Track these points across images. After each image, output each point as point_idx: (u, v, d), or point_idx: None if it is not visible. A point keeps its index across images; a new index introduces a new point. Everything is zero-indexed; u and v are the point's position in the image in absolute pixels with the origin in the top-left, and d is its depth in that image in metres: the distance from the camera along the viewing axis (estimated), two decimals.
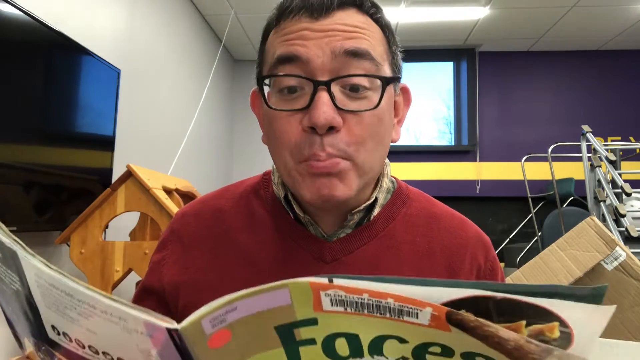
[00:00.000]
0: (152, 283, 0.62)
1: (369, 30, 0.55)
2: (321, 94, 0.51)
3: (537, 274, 1.26)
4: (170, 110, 3.03)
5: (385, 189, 0.63)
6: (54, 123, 1.71)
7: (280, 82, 0.54)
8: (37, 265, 0.35)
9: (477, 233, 0.64)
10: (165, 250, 0.64)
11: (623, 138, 4.32)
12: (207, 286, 0.59)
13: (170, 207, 1.59)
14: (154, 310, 0.62)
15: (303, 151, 0.53)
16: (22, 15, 1.52)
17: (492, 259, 0.64)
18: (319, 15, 0.53)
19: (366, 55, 0.53)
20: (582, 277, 1.20)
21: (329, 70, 0.52)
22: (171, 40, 3.05)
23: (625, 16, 3.69)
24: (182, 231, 0.64)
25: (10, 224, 1.47)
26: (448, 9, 3.56)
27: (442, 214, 0.65)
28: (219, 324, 0.32)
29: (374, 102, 0.54)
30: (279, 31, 0.56)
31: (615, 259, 1.19)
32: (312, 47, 0.52)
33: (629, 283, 1.18)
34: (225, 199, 0.66)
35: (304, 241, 0.60)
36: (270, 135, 0.57)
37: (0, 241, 0.37)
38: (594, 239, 1.22)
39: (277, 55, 0.54)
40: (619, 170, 2.82)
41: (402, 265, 0.59)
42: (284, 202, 0.61)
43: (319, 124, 0.51)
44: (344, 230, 0.60)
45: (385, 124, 0.57)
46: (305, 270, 0.58)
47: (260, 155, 4.50)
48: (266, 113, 0.57)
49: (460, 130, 4.56)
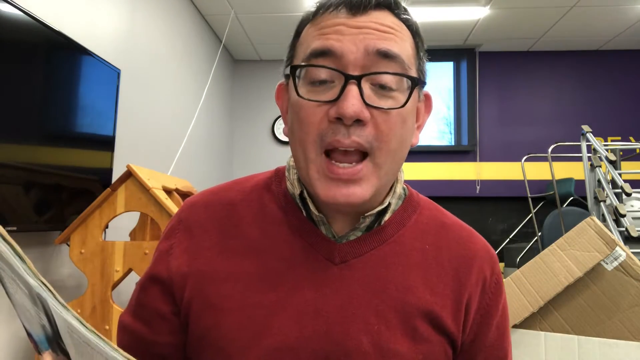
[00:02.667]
0: (159, 272, 0.62)
1: (401, 33, 0.56)
2: (351, 87, 0.53)
3: (537, 274, 1.26)
4: (170, 110, 3.03)
5: (397, 195, 0.64)
6: (54, 123, 1.71)
7: (311, 74, 0.55)
8: (71, 321, 0.33)
9: (485, 246, 0.65)
10: (173, 239, 0.63)
11: (623, 138, 4.32)
12: (215, 278, 0.59)
13: (170, 207, 1.59)
14: (159, 299, 0.62)
15: (326, 138, 0.54)
16: (22, 15, 1.52)
17: (498, 273, 0.65)
18: (357, 11, 0.55)
19: (397, 58, 0.54)
20: (582, 277, 1.20)
21: (361, 66, 0.54)
22: (171, 40, 3.05)
23: (625, 16, 3.69)
24: (190, 220, 0.63)
25: (10, 224, 1.47)
26: (448, 9, 3.56)
27: (452, 225, 0.65)
28: None
29: (401, 102, 0.55)
30: (315, 25, 0.57)
31: (615, 259, 1.19)
32: (346, 42, 0.54)
33: (629, 283, 1.18)
34: (236, 192, 0.66)
35: (315, 241, 0.60)
36: (294, 126, 0.58)
37: (26, 281, 0.34)
38: (594, 239, 1.22)
39: (312, 48, 0.55)
40: (619, 170, 2.82)
41: (410, 272, 0.59)
42: (299, 199, 0.61)
43: (347, 114, 0.52)
44: (355, 232, 0.60)
45: (408, 126, 0.57)
46: (313, 270, 0.58)
47: (261, 155, 4.51)
48: (293, 104, 0.58)
49: (460, 130, 4.56)
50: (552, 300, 1.23)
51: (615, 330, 1.16)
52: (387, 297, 0.57)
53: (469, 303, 0.61)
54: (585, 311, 1.21)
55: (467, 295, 0.60)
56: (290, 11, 3.54)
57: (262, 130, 4.53)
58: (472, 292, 0.61)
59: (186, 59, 3.32)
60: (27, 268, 0.35)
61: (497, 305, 0.63)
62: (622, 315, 1.17)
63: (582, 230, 1.25)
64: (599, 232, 1.22)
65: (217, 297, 0.58)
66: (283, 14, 3.59)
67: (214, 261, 0.60)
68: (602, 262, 1.20)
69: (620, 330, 1.15)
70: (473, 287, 0.61)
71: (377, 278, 0.58)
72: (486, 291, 0.62)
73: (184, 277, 0.60)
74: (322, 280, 0.58)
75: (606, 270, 1.20)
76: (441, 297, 0.59)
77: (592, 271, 1.20)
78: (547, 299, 1.22)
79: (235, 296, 0.57)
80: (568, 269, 1.21)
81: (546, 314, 1.25)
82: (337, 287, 0.57)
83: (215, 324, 0.57)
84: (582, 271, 1.20)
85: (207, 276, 0.59)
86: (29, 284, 0.34)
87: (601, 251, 1.20)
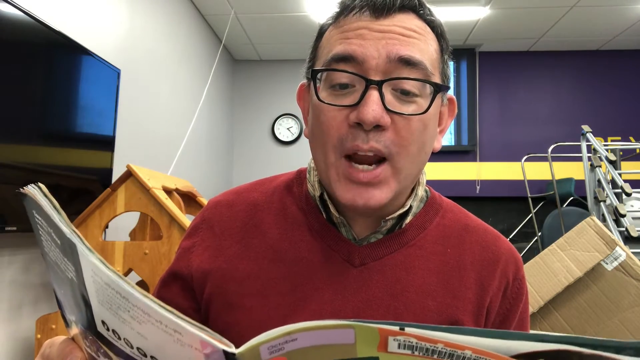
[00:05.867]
0: (181, 268, 0.62)
1: (425, 37, 0.55)
2: (372, 92, 0.52)
3: (537, 274, 1.26)
4: (170, 110, 3.03)
5: (419, 198, 0.63)
6: (54, 123, 1.71)
7: (332, 78, 0.55)
8: (95, 262, 0.36)
9: (510, 250, 0.64)
10: (195, 237, 0.64)
11: (623, 138, 4.32)
12: (235, 277, 0.59)
13: (170, 207, 1.59)
14: (179, 295, 0.63)
15: (345, 143, 0.53)
16: (22, 15, 1.52)
17: (521, 278, 0.63)
18: (380, 15, 0.54)
19: (419, 65, 0.53)
20: (582, 277, 1.20)
21: (383, 72, 0.53)
22: (171, 40, 3.05)
23: (625, 16, 3.69)
24: (214, 220, 0.64)
25: (10, 224, 1.47)
26: (448, 9, 3.56)
27: (476, 227, 0.64)
28: (276, 351, 0.32)
29: (423, 108, 0.54)
30: (338, 27, 0.56)
31: (615, 259, 1.20)
32: (369, 47, 0.53)
33: (629, 283, 1.18)
34: (259, 193, 0.66)
35: (334, 242, 0.60)
36: (315, 129, 0.58)
37: (60, 230, 0.37)
38: (594, 239, 1.22)
39: (333, 53, 0.55)
40: (619, 170, 2.82)
41: (431, 276, 0.59)
42: (319, 201, 0.61)
43: (366, 120, 0.51)
44: (376, 235, 0.60)
45: (430, 132, 0.57)
46: (332, 272, 0.58)
47: (261, 156, 4.51)
48: (314, 107, 0.57)
49: (460, 130, 4.56)
50: (552, 300, 1.23)
51: (615, 330, 1.16)
52: (406, 301, 0.57)
53: (490, 307, 0.60)
54: (585, 311, 1.21)
55: (489, 299, 0.60)
56: (290, 11, 3.54)
57: (262, 130, 4.53)
58: (493, 296, 0.60)
59: (186, 59, 3.32)
60: (62, 218, 0.38)
61: (516, 310, 0.62)
62: (622, 315, 1.17)
63: (582, 230, 1.25)
64: (599, 232, 1.22)
65: (237, 295, 0.58)
66: (283, 14, 3.59)
67: (235, 260, 0.60)
68: (602, 262, 1.20)
69: (621, 330, 1.15)
70: (495, 292, 0.60)
71: (396, 281, 0.58)
72: (507, 296, 0.61)
73: (205, 274, 0.60)
74: (341, 282, 0.58)
75: (606, 270, 1.20)
76: (462, 301, 0.58)
77: (592, 271, 1.20)
78: (547, 299, 1.22)
79: (254, 295, 0.58)
80: (568, 269, 1.21)
81: (546, 314, 1.25)
82: (356, 289, 0.57)
83: (234, 322, 0.57)
84: (582, 271, 1.20)
85: (228, 275, 0.60)
86: (62, 232, 0.37)
87: (601, 251, 1.20)
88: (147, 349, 0.36)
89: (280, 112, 4.48)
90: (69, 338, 0.45)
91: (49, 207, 0.39)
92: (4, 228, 1.46)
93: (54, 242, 0.40)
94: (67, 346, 0.44)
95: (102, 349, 0.40)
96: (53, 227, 0.39)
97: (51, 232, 0.40)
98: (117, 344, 0.38)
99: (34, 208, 0.41)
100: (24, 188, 0.40)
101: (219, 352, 0.32)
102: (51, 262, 0.43)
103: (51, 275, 0.45)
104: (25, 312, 1.70)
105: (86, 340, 0.42)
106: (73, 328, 0.45)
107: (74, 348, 0.44)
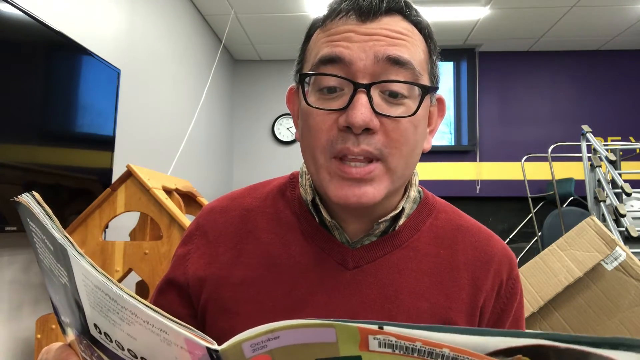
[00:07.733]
0: (177, 276, 0.63)
1: (412, 38, 0.55)
2: (360, 95, 0.52)
3: (537, 274, 1.26)
4: (170, 110, 3.03)
5: (412, 199, 0.63)
6: (54, 123, 1.71)
7: (320, 81, 0.55)
8: (85, 266, 0.37)
9: (503, 250, 0.64)
10: (190, 244, 0.64)
11: (623, 138, 4.32)
12: (230, 282, 0.59)
13: (170, 207, 1.59)
14: (176, 302, 0.63)
15: (336, 145, 0.53)
16: (22, 15, 1.52)
17: (515, 277, 0.63)
18: (367, 18, 0.54)
19: (407, 64, 0.53)
20: (582, 277, 1.20)
21: (370, 74, 0.53)
22: (171, 40, 3.05)
23: (625, 16, 3.69)
24: (207, 226, 0.64)
25: (10, 224, 1.47)
26: (448, 9, 3.56)
27: (469, 227, 0.64)
28: (259, 349, 0.32)
29: (412, 109, 0.54)
30: (325, 31, 0.56)
31: (615, 259, 1.20)
32: (356, 49, 0.53)
33: (629, 283, 1.18)
34: (253, 198, 0.66)
35: (328, 246, 0.60)
36: (304, 132, 0.58)
37: (52, 236, 0.38)
38: (594, 239, 1.22)
39: (320, 55, 0.55)
40: (619, 170, 2.82)
41: (424, 277, 0.59)
42: (311, 205, 0.61)
43: (355, 124, 0.51)
44: (369, 238, 0.60)
45: (420, 132, 0.57)
46: (326, 275, 0.58)
47: (261, 156, 4.51)
48: (303, 110, 0.57)
49: (460, 130, 4.56)
50: (552, 300, 1.23)
51: (615, 330, 1.16)
52: (400, 303, 0.57)
53: (484, 307, 0.60)
54: (585, 311, 1.21)
55: (483, 299, 0.60)
56: (290, 11, 3.54)
57: (262, 130, 4.53)
58: (487, 296, 0.60)
59: (186, 59, 3.32)
60: (54, 225, 0.39)
61: (511, 310, 0.62)
62: (622, 315, 1.17)
63: (582, 230, 1.25)
64: (599, 232, 1.22)
65: (232, 301, 0.58)
66: (283, 14, 3.59)
67: (229, 266, 0.61)
68: (602, 262, 1.20)
69: (621, 331, 1.15)
70: (489, 291, 0.60)
71: (390, 283, 0.58)
72: (501, 295, 0.61)
73: (201, 281, 0.61)
74: (335, 285, 0.58)
75: (606, 270, 1.20)
76: (456, 301, 0.59)
77: (592, 271, 1.20)
78: (547, 299, 1.22)
79: (249, 301, 0.58)
80: (568, 269, 1.21)
81: (546, 314, 1.25)
82: (350, 292, 0.58)
83: (230, 327, 0.57)
84: (582, 271, 1.20)
85: (223, 280, 0.60)
86: (55, 238, 0.38)
87: (601, 251, 1.20)
88: (137, 350, 0.37)
89: (280, 112, 4.48)
90: (65, 344, 0.46)
91: (42, 215, 0.39)
92: (4, 228, 1.46)
93: (47, 249, 0.41)
94: (63, 352, 0.45)
95: (96, 353, 0.41)
96: (46, 234, 0.39)
97: (45, 239, 0.40)
98: (109, 347, 0.39)
99: (28, 216, 0.42)
100: (18, 197, 0.41)
101: (202, 349, 0.33)
102: (46, 269, 0.43)
103: (47, 282, 0.46)
104: (25, 312, 1.70)
105: (81, 345, 0.43)
106: (69, 334, 0.46)
107: (70, 354, 0.44)
